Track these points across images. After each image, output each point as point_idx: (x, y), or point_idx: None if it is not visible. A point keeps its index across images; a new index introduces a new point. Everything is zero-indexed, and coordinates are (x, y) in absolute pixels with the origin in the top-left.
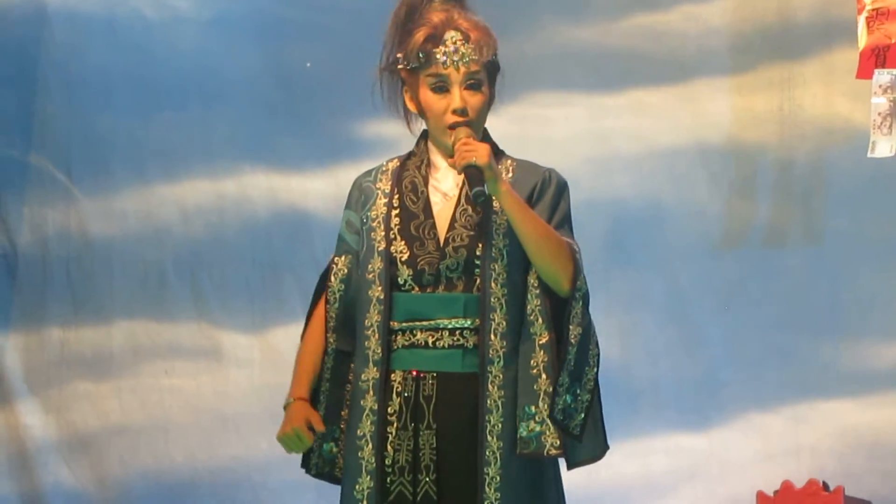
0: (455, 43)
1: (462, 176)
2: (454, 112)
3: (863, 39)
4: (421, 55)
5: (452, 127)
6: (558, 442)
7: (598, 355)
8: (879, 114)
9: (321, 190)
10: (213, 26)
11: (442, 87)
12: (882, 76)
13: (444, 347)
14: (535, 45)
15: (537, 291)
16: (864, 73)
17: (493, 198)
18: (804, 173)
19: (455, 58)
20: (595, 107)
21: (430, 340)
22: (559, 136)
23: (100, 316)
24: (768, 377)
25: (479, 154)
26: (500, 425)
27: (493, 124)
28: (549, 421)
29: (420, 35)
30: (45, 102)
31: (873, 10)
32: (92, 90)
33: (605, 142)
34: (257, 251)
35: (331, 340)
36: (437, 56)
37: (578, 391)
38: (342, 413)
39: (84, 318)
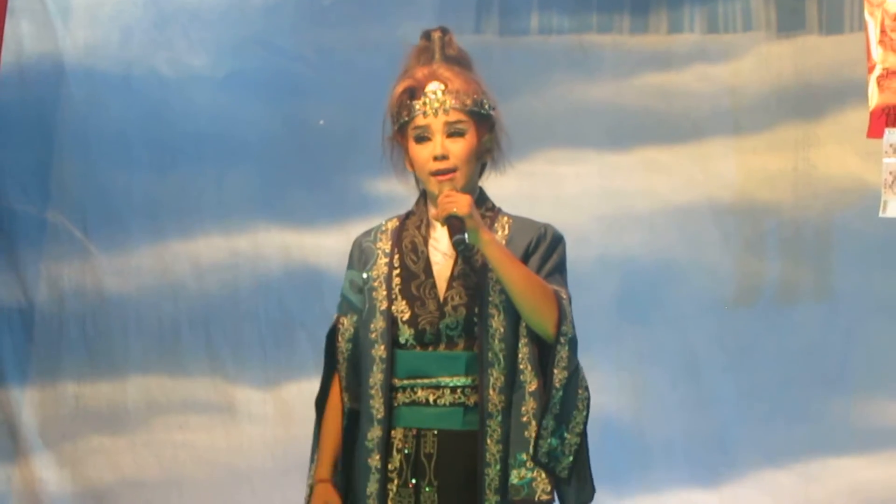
0: (434, 93)
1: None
2: (435, 158)
3: (873, 99)
4: (403, 110)
5: (435, 174)
6: (549, 487)
7: (588, 399)
8: (891, 173)
9: (333, 246)
10: (227, 84)
11: (424, 137)
12: (893, 135)
13: (445, 405)
14: (547, 103)
15: (526, 339)
16: (875, 132)
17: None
18: (816, 232)
19: (435, 105)
20: (607, 164)
21: (432, 398)
22: (570, 194)
23: (114, 371)
24: (779, 434)
25: (460, 204)
26: (498, 479)
27: (503, 181)
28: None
29: (399, 88)
30: (61, 159)
31: (884, 69)
32: (108, 147)
33: (617, 199)
34: (270, 307)
35: (345, 400)
36: (418, 107)
37: (566, 434)
38: (352, 472)
39: (99, 373)
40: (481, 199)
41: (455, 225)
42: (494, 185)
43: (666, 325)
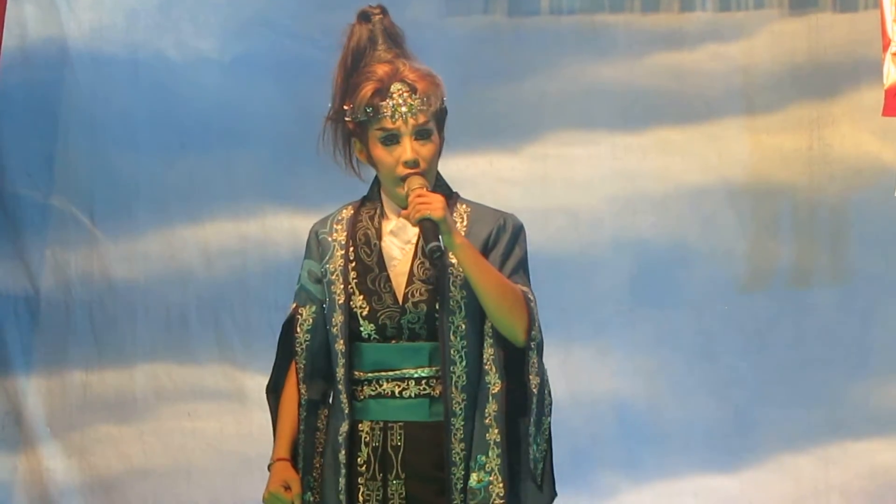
0: (402, 96)
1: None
2: (405, 164)
3: (889, 77)
4: (369, 109)
5: (404, 178)
6: (503, 492)
7: (552, 404)
8: None
9: None
10: (235, 67)
11: (392, 140)
12: None
13: (410, 397)
14: (559, 84)
15: (492, 340)
16: (890, 110)
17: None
18: (832, 213)
19: (403, 110)
20: (619, 146)
21: (397, 390)
22: (582, 175)
23: (122, 359)
24: (798, 417)
25: (434, 207)
26: (462, 480)
27: (515, 163)
28: (496, 471)
29: (367, 90)
30: (66, 144)
31: None
32: (114, 132)
33: (630, 181)
34: (279, 293)
35: (302, 391)
36: (385, 110)
37: (539, 440)
38: (315, 462)
39: (106, 361)
40: (438, 184)
41: (428, 228)
42: (506, 168)
43: (680, 307)
